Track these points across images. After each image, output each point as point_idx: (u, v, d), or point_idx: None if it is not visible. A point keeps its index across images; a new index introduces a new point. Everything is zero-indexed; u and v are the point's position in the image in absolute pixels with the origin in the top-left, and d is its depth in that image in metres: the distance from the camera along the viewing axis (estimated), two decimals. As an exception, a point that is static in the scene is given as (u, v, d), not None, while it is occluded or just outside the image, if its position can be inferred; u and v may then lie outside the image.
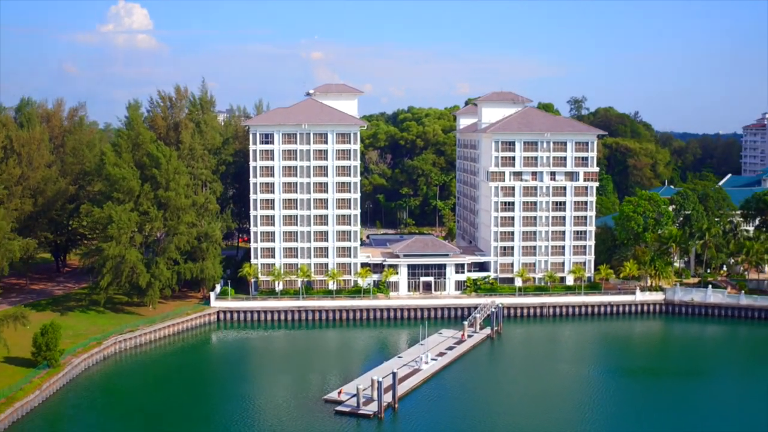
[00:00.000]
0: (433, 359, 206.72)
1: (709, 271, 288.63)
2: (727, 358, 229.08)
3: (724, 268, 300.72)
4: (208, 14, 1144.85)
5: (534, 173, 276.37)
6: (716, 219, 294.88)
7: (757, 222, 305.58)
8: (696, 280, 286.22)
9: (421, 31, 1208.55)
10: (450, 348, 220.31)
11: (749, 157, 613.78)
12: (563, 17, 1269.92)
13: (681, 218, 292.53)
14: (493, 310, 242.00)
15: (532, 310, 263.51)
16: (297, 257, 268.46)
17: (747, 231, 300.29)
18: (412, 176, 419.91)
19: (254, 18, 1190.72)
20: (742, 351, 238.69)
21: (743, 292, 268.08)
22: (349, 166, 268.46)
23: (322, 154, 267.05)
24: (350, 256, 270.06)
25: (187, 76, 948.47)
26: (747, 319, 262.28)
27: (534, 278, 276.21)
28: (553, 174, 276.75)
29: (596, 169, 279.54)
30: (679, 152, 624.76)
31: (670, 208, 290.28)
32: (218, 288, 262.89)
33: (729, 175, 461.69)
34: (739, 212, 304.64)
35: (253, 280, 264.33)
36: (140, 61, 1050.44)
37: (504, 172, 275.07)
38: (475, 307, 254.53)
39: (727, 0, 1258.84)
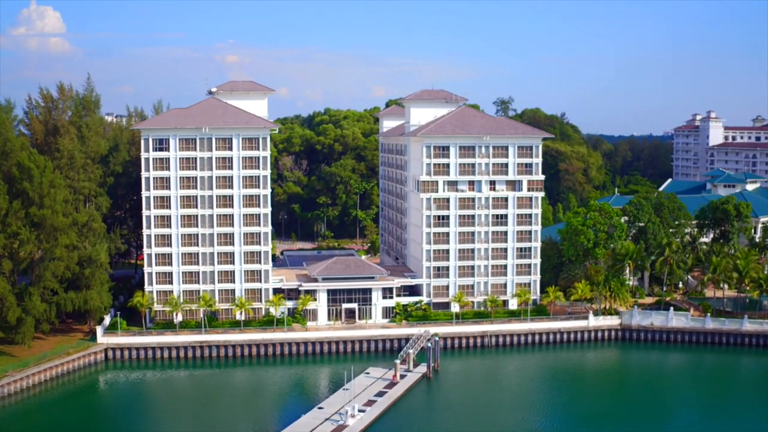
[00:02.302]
0: (360, 410, 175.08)
1: (665, 289, 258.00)
2: (694, 396, 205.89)
3: (681, 285, 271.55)
4: (122, 17, 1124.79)
5: (471, 182, 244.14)
6: (672, 231, 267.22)
7: (711, 234, 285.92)
8: (652, 300, 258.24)
9: (339, 34, 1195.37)
10: (380, 393, 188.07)
11: (681, 159, 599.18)
12: (483, 18, 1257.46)
13: (634, 231, 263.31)
14: (429, 345, 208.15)
15: (471, 341, 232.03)
16: (198, 283, 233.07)
17: (704, 244, 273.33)
18: (330, 184, 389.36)
19: (169, 21, 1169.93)
20: (710, 385, 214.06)
21: (708, 314, 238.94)
22: (258, 176, 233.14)
23: (227, 163, 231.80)
24: (261, 281, 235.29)
25: (102, 81, 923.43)
26: (713, 345, 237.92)
27: (473, 303, 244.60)
28: (493, 183, 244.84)
29: (542, 177, 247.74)
30: (608, 155, 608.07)
31: (623, 220, 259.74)
32: (107, 320, 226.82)
33: (669, 180, 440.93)
34: (695, 222, 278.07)
35: (146, 311, 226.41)
36: (53, 65, 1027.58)
37: (437, 182, 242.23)
38: (407, 339, 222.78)
39: (655, 1, 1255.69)
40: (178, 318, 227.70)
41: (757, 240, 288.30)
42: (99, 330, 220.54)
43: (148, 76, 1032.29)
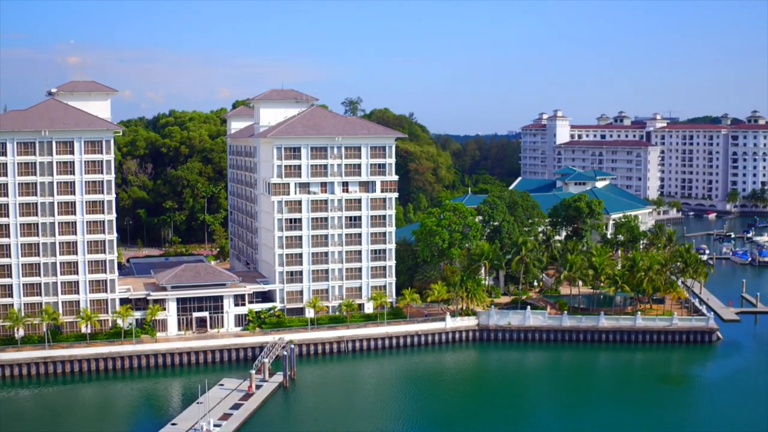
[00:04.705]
0: (216, 424, 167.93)
1: (521, 287, 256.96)
2: (552, 394, 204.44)
3: (536, 284, 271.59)
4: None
5: (324, 184, 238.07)
6: (526, 229, 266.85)
7: (564, 231, 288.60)
8: (509, 299, 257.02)
9: (181, 34, 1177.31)
10: (236, 406, 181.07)
11: (529, 158, 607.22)
12: (329, 18, 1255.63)
13: (489, 230, 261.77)
14: (285, 353, 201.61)
15: (328, 347, 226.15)
16: (40, 295, 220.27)
17: (558, 241, 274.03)
18: (176, 188, 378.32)
19: (10, 21, 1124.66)
20: (568, 383, 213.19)
21: (565, 312, 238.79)
22: (102, 181, 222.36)
23: (68, 167, 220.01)
24: (107, 291, 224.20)
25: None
26: (571, 342, 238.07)
27: (328, 307, 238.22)
28: (345, 185, 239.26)
29: (395, 177, 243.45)
30: (457, 155, 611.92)
31: (477, 219, 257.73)
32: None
33: (519, 179, 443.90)
34: (548, 220, 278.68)
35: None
36: None
37: (288, 184, 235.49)
38: (261, 347, 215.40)
39: (500, 1, 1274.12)
40: (20, 333, 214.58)
41: (609, 236, 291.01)
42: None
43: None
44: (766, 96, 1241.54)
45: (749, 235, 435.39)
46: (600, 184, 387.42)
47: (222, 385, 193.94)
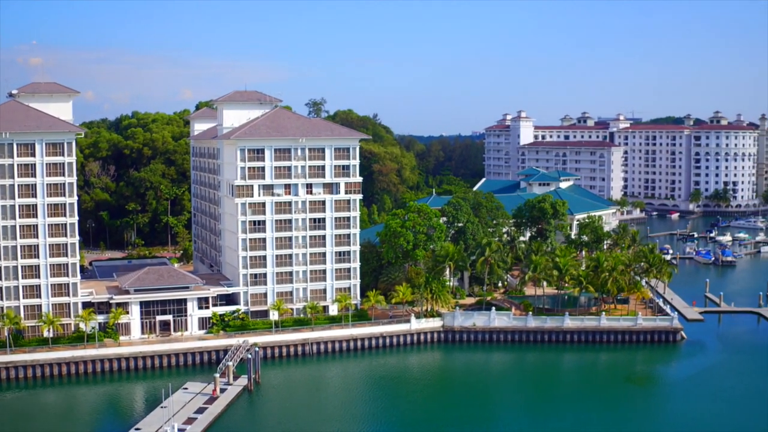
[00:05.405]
0: (180, 429, 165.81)
1: (485, 288, 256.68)
2: (517, 395, 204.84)
3: (500, 285, 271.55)
4: None
5: (288, 186, 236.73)
6: (490, 230, 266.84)
7: (529, 232, 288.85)
8: (473, 300, 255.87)
9: (143, 35, 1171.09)
10: (200, 410, 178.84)
11: (493, 159, 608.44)
12: (292, 19, 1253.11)
13: (454, 231, 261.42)
14: (249, 356, 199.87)
15: (292, 349, 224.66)
16: (1, 299, 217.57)
17: (523, 242, 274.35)
18: (139, 190, 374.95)
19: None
20: (533, 384, 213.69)
21: (530, 313, 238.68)
22: (64, 184, 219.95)
23: (29, 170, 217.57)
24: (69, 295, 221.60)
25: None
26: (536, 343, 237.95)
27: (292, 310, 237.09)
28: (309, 186, 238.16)
29: (359, 179, 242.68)
30: (421, 156, 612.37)
31: (442, 221, 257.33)
32: None
33: (483, 179, 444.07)
34: (512, 221, 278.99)
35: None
36: None
37: (252, 186, 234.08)
38: (225, 351, 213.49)
39: (463, 2, 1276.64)
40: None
41: (574, 237, 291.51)
42: None
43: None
44: (728, 97, 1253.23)
45: (712, 234, 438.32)
46: (564, 185, 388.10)
47: (186, 389, 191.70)
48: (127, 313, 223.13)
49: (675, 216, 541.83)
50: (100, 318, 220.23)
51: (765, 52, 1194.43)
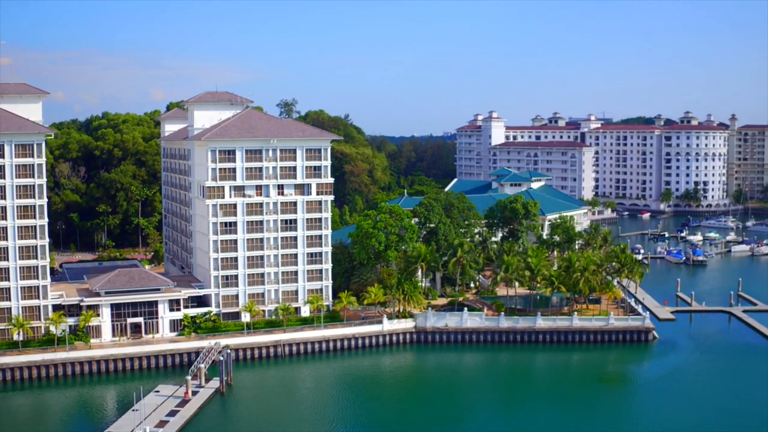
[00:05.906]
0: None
1: (457, 289, 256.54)
2: (489, 396, 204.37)
3: (472, 285, 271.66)
4: None
5: (259, 187, 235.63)
6: (462, 231, 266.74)
7: (501, 232, 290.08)
8: (446, 300, 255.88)
9: (113, 35, 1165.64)
10: (172, 413, 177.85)
11: (464, 159, 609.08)
12: (262, 20, 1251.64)
13: (425, 232, 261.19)
14: (221, 358, 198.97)
15: (264, 351, 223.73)
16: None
17: (495, 243, 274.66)
18: (110, 191, 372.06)
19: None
20: (505, 384, 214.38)
21: (502, 313, 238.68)
22: (34, 185, 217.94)
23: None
24: (39, 298, 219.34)
25: None
26: (508, 343, 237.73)
27: (264, 311, 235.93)
28: (281, 187, 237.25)
29: (331, 180, 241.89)
30: (392, 156, 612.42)
31: (414, 221, 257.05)
32: None
33: (455, 180, 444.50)
34: (484, 222, 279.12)
35: None
36: None
37: (223, 187, 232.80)
38: (197, 353, 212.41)
39: (434, 2, 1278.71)
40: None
41: (545, 237, 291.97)
42: None
43: None
44: (698, 97, 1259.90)
45: (683, 234, 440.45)
46: (535, 185, 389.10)
47: (158, 391, 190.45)
48: (98, 315, 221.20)
49: (646, 216, 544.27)
50: (71, 321, 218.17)
51: (734, 52, 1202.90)
